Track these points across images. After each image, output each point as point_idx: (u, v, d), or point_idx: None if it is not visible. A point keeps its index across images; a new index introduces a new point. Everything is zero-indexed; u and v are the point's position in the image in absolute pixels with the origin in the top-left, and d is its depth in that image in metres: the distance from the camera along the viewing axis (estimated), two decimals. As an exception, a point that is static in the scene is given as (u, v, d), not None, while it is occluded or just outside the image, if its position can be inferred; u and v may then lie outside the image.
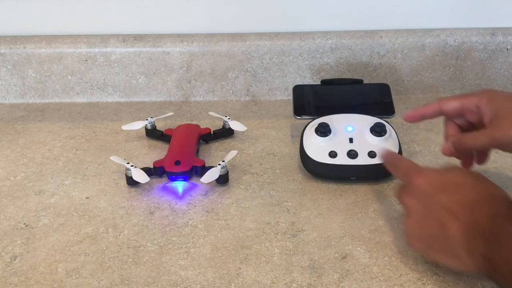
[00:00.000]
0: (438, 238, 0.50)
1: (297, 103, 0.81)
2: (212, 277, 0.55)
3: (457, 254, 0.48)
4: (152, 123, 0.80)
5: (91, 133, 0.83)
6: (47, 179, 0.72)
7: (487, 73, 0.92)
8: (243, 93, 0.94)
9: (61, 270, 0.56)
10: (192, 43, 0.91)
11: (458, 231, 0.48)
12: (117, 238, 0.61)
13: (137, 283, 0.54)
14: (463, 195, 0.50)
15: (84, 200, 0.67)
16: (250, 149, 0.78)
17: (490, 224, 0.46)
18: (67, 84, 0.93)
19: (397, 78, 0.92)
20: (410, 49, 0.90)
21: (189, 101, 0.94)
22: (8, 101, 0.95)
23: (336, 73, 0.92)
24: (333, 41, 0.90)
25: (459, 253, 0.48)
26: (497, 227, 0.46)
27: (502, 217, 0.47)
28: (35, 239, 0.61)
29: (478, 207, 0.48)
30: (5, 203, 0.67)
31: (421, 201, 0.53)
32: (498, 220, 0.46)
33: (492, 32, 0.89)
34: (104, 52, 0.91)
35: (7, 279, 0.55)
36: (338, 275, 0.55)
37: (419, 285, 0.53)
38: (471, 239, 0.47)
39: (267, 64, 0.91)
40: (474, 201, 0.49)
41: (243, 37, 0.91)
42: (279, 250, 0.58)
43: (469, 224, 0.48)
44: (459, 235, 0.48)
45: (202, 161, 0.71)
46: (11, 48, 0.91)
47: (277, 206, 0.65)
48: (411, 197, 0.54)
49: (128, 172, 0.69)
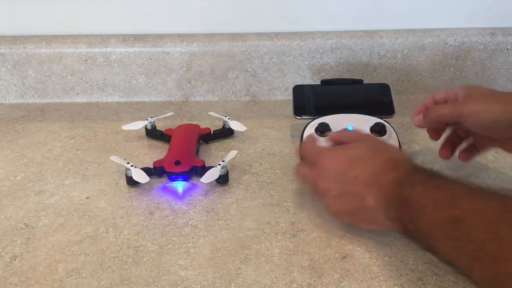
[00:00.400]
0: (360, 210, 0.56)
1: (297, 103, 0.81)
2: (212, 277, 0.55)
3: (378, 220, 0.54)
4: (152, 123, 0.80)
5: (91, 133, 0.83)
6: (47, 179, 0.72)
7: (487, 73, 0.92)
8: (243, 93, 0.94)
9: (61, 270, 0.56)
10: (192, 43, 0.91)
11: (373, 201, 0.54)
12: (117, 238, 0.61)
13: (137, 283, 0.54)
14: (368, 168, 0.56)
15: (84, 200, 0.67)
16: (250, 149, 0.78)
17: (395, 191, 0.52)
18: (67, 84, 0.93)
19: (397, 78, 0.92)
20: (410, 49, 0.90)
21: (189, 101, 0.94)
22: (8, 101, 0.95)
23: (336, 73, 0.92)
24: (333, 41, 0.90)
25: (380, 219, 0.54)
26: (401, 193, 0.51)
27: (403, 182, 0.52)
28: (35, 239, 0.61)
29: (383, 177, 0.54)
30: (5, 203, 0.67)
31: (332, 181, 0.57)
32: (400, 186, 0.52)
33: (492, 32, 0.89)
34: (104, 52, 0.91)
35: (7, 279, 0.55)
36: (338, 275, 0.55)
37: (419, 285, 0.53)
38: (384, 206, 0.53)
39: (267, 64, 0.91)
40: (379, 171, 0.55)
41: (243, 37, 0.91)
42: (279, 250, 0.58)
43: (379, 193, 0.53)
44: (374, 204, 0.54)
45: (202, 161, 0.71)
46: (11, 48, 0.91)
47: (277, 206, 0.65)
48: (323, 180, 0.58)
49: (128, 172, 0.69)
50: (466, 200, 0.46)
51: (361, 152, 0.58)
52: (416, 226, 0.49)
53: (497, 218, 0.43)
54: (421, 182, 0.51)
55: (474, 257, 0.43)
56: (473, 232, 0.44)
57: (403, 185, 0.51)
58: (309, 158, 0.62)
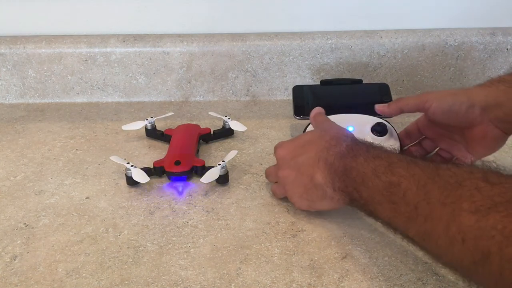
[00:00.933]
0: (312, 189, 0.59)
1: (297, 103, 0.81)
2: (212, 277, 0.55)
3: (329, 195, 0.58)
4: (152, 123, 0.80)
5: (91, 133, 0.83)
6: (47, 179, 0.72)
7: (487, 73, 0.92)
8: (243, 93, 0.94)
9: (61, 270, 0.56)
10: (192, 43, 0.91)
11: (321, 177, 0.58)
12: (117, 238, 0.61)
13: (137, 283, 0.54)
14: (315, 148, 0.60)
15: (84, 200, 0.67)
16: (250, 149, 0.78)
17: (339, 163, 0.56)
18: (67, 84, 0.93)
19: (397, 78, 0.92)
20: (410, 49, 0.90)
21: (189, 101, 0.94)
22: (8, 101, 0.95)
23: (336, 73, 0.92)
24: (333, 41, 0.90)
25: (330, 194, 0.57)
26: (344, 164, 0.55)
27: (345, 155, 0.56)
28: (35, 239, 0.61)
29: (326, 152, 0.58)
30: (5, 203, 0.67)
31: (287, 167, 0.62)
32: (343, 158, 0.56)
33: (492, 32, 0.89)
34: (104, 52, 0.91)
35: (7, 279, 0.55)
36: (338, 275, 0.55)
37: (419, 285, 0.53)
38: (331, 179, 0.57)
39: (267, 64, 0.91)
40: (323, 148, 0.59)
41: (243, 37, 0.91)
42: (279, 250, 0.58)
43: (325, 168, 0.57)
44: (322, 180, 0.57)
45: (202, 161, 0.71)
46: (11, 48, 0.91)
47: (277, 206, 0.65)
48: (280, 169, 0.63)
49: (128, 172, 0.68)
50: (402, 167, 0.50)
51: (308, 137, 0.63)
52: (359, 193, 0.53)
53: (429, 182, 0.46)
54: (362, 153, 0.55)
55: (409, 218, 0.47)
56: (407, 195, 0.47)
57: (346, 157, 0.56)
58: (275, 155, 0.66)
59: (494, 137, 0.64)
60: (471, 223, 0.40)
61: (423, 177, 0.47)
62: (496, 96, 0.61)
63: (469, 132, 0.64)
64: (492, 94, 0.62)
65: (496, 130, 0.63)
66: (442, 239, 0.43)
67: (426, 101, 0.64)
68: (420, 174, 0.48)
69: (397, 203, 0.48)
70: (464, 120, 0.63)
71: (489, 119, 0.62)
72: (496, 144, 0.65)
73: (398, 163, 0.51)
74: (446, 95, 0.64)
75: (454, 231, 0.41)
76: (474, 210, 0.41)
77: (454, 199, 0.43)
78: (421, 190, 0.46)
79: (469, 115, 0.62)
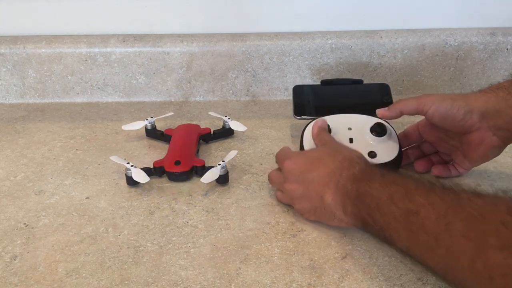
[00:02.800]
0: (320, 209, 0.59)
1: (297, 103, 0.81)
2: (212, 277, 0.55)
3: (338, 217, 0.57)
4: (152, 123, 0.80)
5: (91, 133, 0.83)
6: (47, 179, 0.72)
7: (487, 73, 0.92)
8: (243, 93, 0.94)
9: (61, 270, 0.56)
10: (192, 43, 0.91)
11: (331, 198, 0.57)
12: (117, 238, 0.61)
13: (137, 283, 0.54)
14: (326, 167, 0.59)
15: (84, 200, 0.67)
16: (250, 149, 0.78)
17: (352, 187, 0.55)
18: (67, 84, 0.93)
19: (397, 78, 0.92)
20: (410, 49, 0.90)
21: (189, 101, 0.94)
22: (8, 101, 0.95)
23: (336, 73, 0.92)
24: (333, 41, 0.90)
25: (339, 217, 0.57)
26: (358, 188, 0.54)
27: (359, 179, 0.55)
28: (35, 239, 0.61)
29: (339, 174, 0.57)
30: (5, 203, 0.67)
31: (294, 181, 0.61)
32: (357, 182, 0.55)
33: (492, 32, 0.89)
34: (104, 52, 0.91)
35: (7, 279, 0.55)
36: (338, 275, 0.55)
37: (419, 285, 0.53)
38: (342, 202, 0.56)
39: (267, 64, 0.91)
40: (335, 169, 0.58)
41: (243, 37, 0.91)
42: (279, 250, 0.58)
43: (336, 190, 0.56)
44: (332, 201, 0.57)
45: (202, 161, 0.71)
46: (11, 48, 0.91)
47: (277, 206, 0.65)
48: (287, 182, 0.62)
49: (128, 172, 0.68)
50: (420, 194, 0.48)
51: (319, 154, 0.63)
52: (373, 219, 0.52)
53: (449, 212, 0.45)
54: (376, 177, 0.54)
55: (428, 247, 0.46)
56: (426, 224, 0.46)
57: (359, 181, 0.55)
58: (278, 164, 0.66)
59: (491, 144, 0.63)
60: (499, 260, 0.39)
61: (443, 206, 0.46)
62: (495, 103, 0.61)
63: (466, 137, 0.64)
64: (491, 100, 0.61)
65: (494, 138, 0.62)
66: (467, 273, 0.42)
67: (425, 104, 0.63)
68: (439, 203, 0.46)
69: (415, 231, 0.47)
70: (462, 125, 0.62)
71: (488, 126, 0.62)
72: (493, 152, 0.64)
73: (416, 191, 0.49)
74: (444, 99, 0.63)
75: (480, 267, 0.40)
76: (501, 246, 0.39)
77: (478, 233, 0.42)
78: (442, 220, 0.45)
79: (466, 120, 0.62)
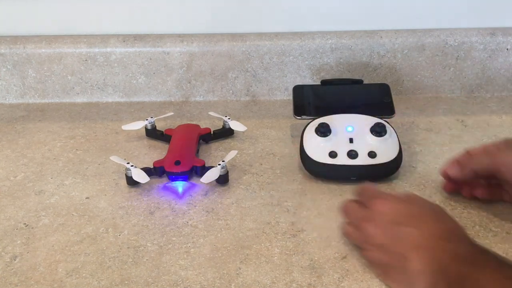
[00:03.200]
0: (397, 269, 0.50)
1: (297, 103, 0.80)
2: (212, 277, 0.55)
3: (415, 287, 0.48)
4: (152, 123, 0.80)
5: (91, 133, 0.83)
6: (47, 179, 0.72)
7: (487, 73, 0.92)
8: (243, 93, 0.94)
9: (61, 270, 0.56)
10: (192, 43, 0.91)
11: (418, 266, 0.48)
12: (117, 238, 0.61)
13: (137, 283, 0.54)
14: (424, 229, 0.50)
15: (84, 200, 0.67)
16: (250, 149, 0.78)
17: (453, 265, 0.46)
18: (67, 84, 0.93)
19: (397, 78, 0.92)
20: (410, 49, 0.90)
21: (189, 101, 0.94)
22: (8, 101, 0.95)
23: (336, 73, 0.92)
24: (333, 41, 0.90)
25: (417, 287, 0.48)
26: (460, 270, 0.46)
27: (462, 259, 0.47)
28: (35, 239, 0.61)
29: (439, 244, 0.49)
30: (5, 203, 0.67)
31: (381, 227, 0.53)
32: (462, 262, 0.46)
33: (492, 32, 0.89)
34: (104, 52, 0.91)
35: (7, 279, 0.55)
36: (338, 275, 0.55)
37: (419, 285, 0.53)
38: (433, 277, 0.47)
39: (267, 64, 0.91)
40: (435, 236, 0.49)
41: (243, 37, 0.91)
42: (279, 250, 0.58)
43: (430, 261, 0.48)
44: (418, 270, 0.48)
45: (202, 161, 0.71)
46: (11, 48, 0.91)
47: (277, 206, 0.65)
48: (372, 222, 0.54)
49: (128, 172, 0.69)
50: None
51: (420, 210, 0.54)
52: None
53: None
54: (490, 266, 0.46)
55: None
56: None
57: (465, 262, 0.47)
58: (364, 196, 0.58)
59: None
60: None
61: None
62: None
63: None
64: None
65: None
66: None
67: (502, 165, 0.57)
68: None
69: None
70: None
71: None
72: None
73: None
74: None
75: None
76: None
77: None
78: None
79: None
